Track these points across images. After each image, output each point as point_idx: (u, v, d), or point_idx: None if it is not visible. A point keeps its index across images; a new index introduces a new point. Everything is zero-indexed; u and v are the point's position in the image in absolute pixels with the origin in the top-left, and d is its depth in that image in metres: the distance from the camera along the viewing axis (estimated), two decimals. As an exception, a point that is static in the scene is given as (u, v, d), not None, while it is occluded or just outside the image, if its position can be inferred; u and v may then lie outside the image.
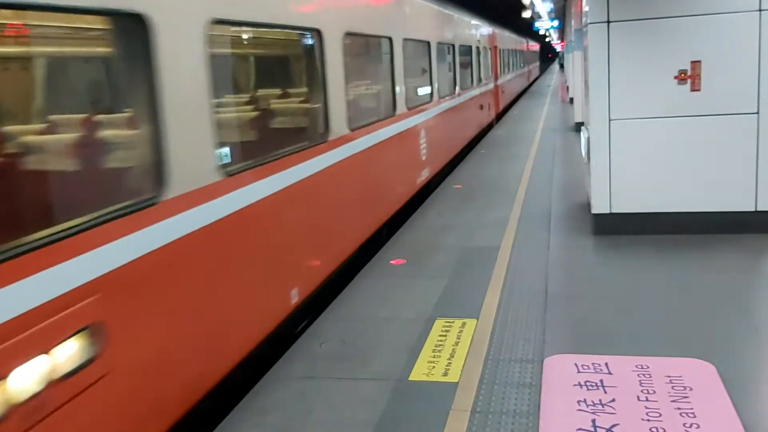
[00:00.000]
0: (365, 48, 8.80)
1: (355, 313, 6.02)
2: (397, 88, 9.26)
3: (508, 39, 28.12)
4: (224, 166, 4.59)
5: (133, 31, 3.77)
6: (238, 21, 5.16)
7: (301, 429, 4.23)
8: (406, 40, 9.72)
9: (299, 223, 5.81)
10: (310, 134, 6.49)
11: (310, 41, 6.33)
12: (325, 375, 4.90)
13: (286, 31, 6.13)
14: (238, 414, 4.46)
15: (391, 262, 7.41)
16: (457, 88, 14.30)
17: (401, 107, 9.46)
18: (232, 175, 4.67)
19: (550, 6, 31.97)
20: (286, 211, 5.54)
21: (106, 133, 4.26)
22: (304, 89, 6.74)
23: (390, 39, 9.03)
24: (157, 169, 3.92)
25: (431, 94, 11.58)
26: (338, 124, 6.76)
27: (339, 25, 6.85)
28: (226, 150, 4.71)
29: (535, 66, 57.77)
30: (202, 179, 4.32)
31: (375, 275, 7.03)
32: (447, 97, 13.01)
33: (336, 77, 6.68)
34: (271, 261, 5.26)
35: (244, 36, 5.99)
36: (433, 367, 4.88)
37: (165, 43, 3.92)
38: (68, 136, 4.15)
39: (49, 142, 3.99)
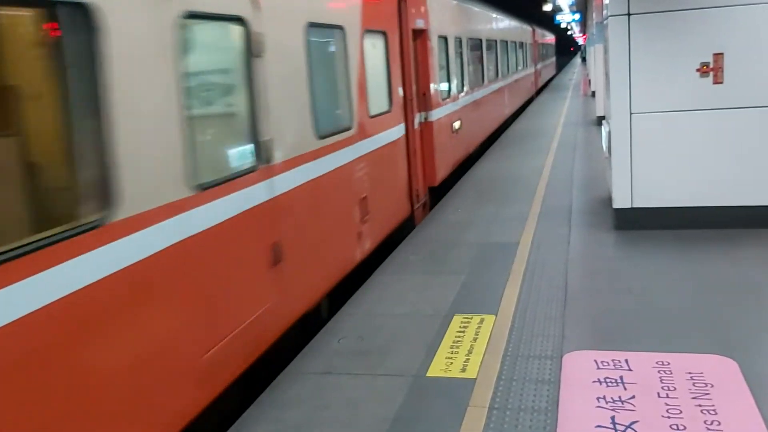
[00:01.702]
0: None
1: (373, 310, 6.01)
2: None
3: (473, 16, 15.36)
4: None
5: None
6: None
7: (318, 424, 4.24)
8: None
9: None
10: None
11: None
12: (343, 371, 4.90)
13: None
14: (257, 408, 4.48)
15: (411, 257, 7.40)
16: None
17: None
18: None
19: (571, -1, 31.73)
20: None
21: None
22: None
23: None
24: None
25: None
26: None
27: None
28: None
29: (548, 64, 46.52)
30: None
31: (393, 271, 7.02)
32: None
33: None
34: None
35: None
36: (451, 363, 4.87)
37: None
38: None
39: None
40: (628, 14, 7.45)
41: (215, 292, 4.33)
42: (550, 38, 46.10)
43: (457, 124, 12.11)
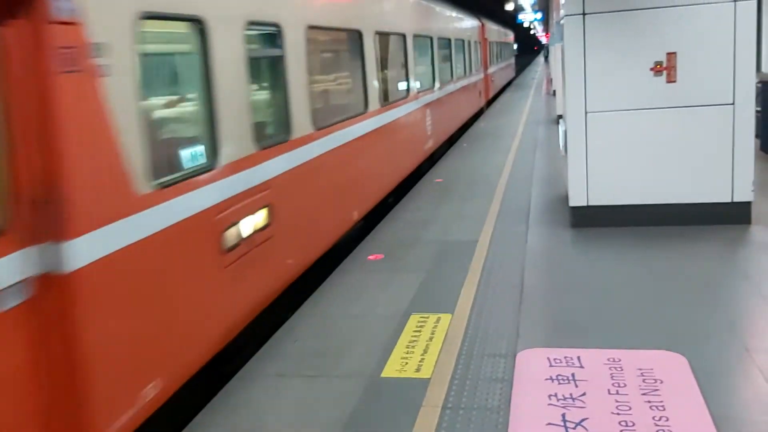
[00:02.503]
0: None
1: (330, 310, 5.98)
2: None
3: None
4: None
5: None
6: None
7: (269, 428, 4.19)
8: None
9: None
10: None
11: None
12: (298, 373, 4.86)
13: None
14: (208, 412, 4.42)
15: (369, 257, 7.38)
16: None
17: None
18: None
19: (533, -2, 32.01)
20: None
21: None
22: None
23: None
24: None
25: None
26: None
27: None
28: None
29: (505, 67, 37.71)
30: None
31: (352, 270, 6.99)
32: None
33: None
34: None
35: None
36: (406, 363, 4.86)
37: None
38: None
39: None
40: (583, 14, 7.52)
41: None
42: (506, 36, 39.82)
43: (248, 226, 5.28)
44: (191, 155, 4.68)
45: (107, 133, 3.71)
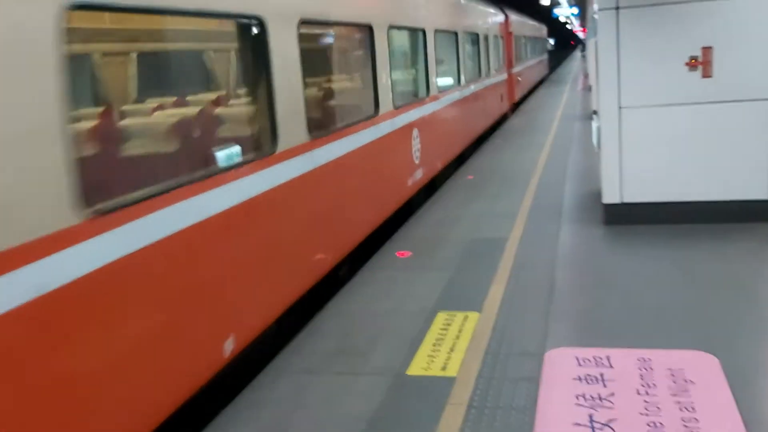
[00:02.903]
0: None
1: (358, 307, 5.98)
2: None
3: None
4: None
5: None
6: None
7: (294, 424, 4.21)
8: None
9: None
10: None
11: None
12: (324, 369, 4.87)
13: None
14: (234, 408, 4.45)
15: (397, 254, 7.36)
16: None
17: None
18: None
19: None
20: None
21: None
22: None
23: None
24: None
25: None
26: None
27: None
28: None
29: (535, 65, 33.20)
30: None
31: (380, 268, 6.98)
32: None
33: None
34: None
35: None
36: (432, 361, 4.84)
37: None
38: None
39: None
40: (617, 8, 7.40)
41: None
42: (537, 29, 35.11)
43: None
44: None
45: None
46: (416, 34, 10.05)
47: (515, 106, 23.21)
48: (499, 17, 19.94)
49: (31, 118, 3.06)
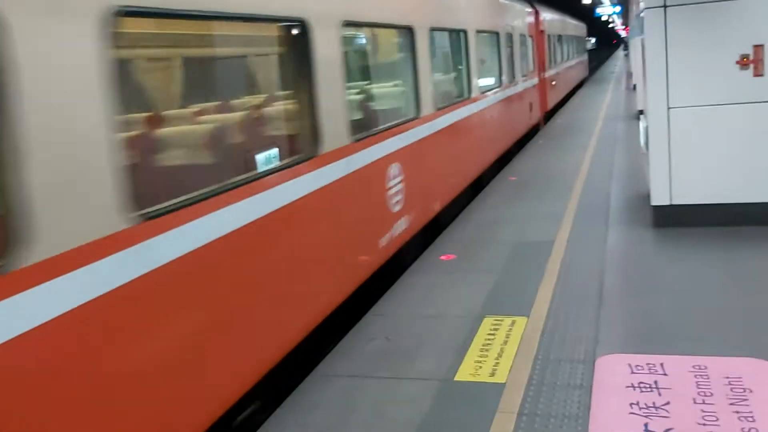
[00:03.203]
0: None
1: (403, 310, 5.94)
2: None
3: None
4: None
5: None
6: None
7: (342, 428, 4.18)
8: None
9: None
10: None
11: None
12: (370, 374, 4.84)
13: None
14: (282, 412, 4.44)
15: (441, 257, 7.31)
16: None
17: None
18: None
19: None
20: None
21: None
22: None
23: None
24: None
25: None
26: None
27: None
28: None
29: (573, 66, 29.77)
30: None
31: (424, 271, 6.93)
32: None
33: None
34: None
35: None
36: (480, 367, 4.77)
37: None
38: None
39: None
40: (665, 6, 7.24)
41: None
42: (575, 28, 31.32)
43: None
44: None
45: None
46: (403, 33, 7.77)
47: (549, 115, 20.68)
48: (527, 13, 16.74)
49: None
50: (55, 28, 2.96)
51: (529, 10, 17.05)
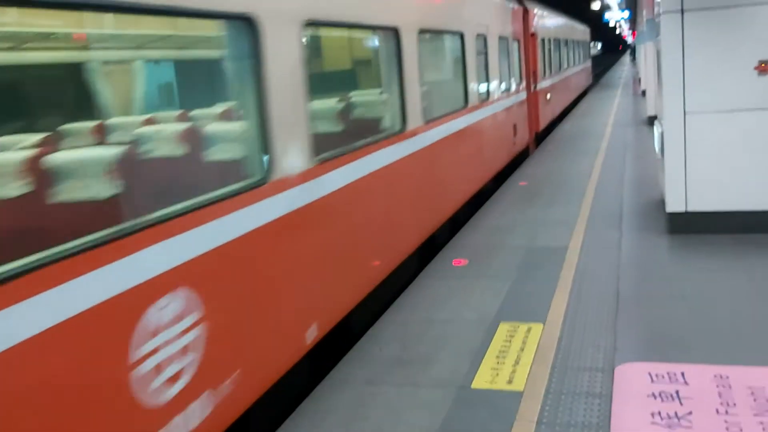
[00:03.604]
0: None
1: (416, 316, 5.87)
2: None
3: None
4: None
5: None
6: None
7: (359, 437, 4.11)
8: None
9: None
10: None
11: None
12: (385, 380, 4.77)
13: None
14: (296, 418, 4.37)
15: (454, 262, 7.23)
16: None
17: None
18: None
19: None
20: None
21: None
22: None
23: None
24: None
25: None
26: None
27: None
28: None
29: (573, 75, 26.10)
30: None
31: (437, 276, 6.86)
32: None
33: None
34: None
35: None
36: (497, 374, 4.69)
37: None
38: None
39: None
40: (682, 11, 7.17)
41: None
42: (574, 30, 27.10)
43: None
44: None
45: None
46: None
47: (544, 134, 17.32)
48: (511, 11, 13.28)
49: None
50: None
51: (514, 6, 13.60)
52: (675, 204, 7.40)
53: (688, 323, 5.24)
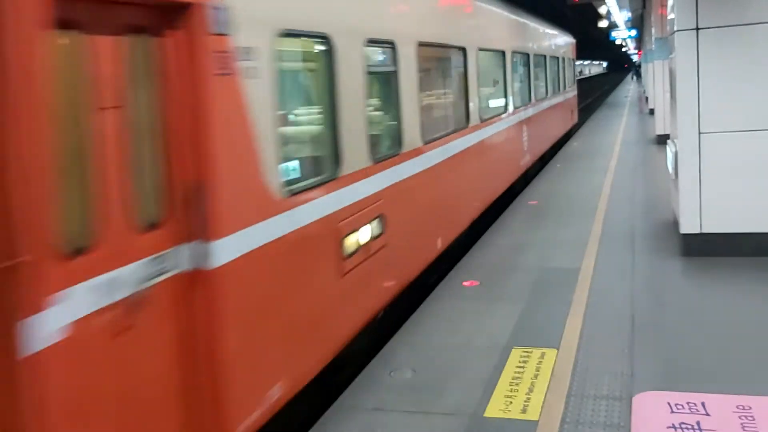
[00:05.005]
0: None
1: (427, 340, 5.72)
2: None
3: None
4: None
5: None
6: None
7: (368, 468, 3.96)
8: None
9: None
10: None
11: None
12: (395, 407, 4.62)
13: None
14: (303, 449, 4.23)
15: (464, 283, 7.09)
16: None
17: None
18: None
19: (627, 15, 31.07)
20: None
21: None
22: None
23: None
24: None
25: None
26: None
27: None
28: None
29: (544, 114, 15.49)
30: None
31: (447, 297, 6.71)
32: None
33: None
34: None
35: None
36: (511, 402, 4.54)
37: None
38: None
39: None
40: (697, 29, 7.06)
41: None
42: (552, 39, 18.15)
43: None
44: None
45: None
46: None
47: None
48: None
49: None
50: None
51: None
52: (689, 225, 7.25)
53: (707, 350, 5.09)
